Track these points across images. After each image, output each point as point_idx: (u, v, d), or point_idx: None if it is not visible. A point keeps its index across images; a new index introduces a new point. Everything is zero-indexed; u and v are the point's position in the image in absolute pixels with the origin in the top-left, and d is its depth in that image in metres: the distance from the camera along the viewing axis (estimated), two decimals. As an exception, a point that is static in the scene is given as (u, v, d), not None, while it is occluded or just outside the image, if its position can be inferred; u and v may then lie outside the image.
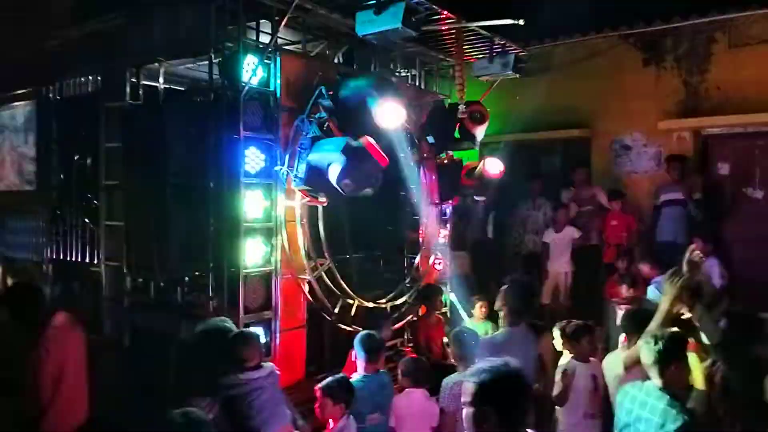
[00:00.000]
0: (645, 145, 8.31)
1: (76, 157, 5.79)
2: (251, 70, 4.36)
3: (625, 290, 6.02)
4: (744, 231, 7.10)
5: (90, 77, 5.68)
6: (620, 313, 5.62)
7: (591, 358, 4.50)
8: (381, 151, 4.24)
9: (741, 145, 7.86)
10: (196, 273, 4.59)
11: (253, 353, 3.72)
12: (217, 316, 4.28)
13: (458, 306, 6.24)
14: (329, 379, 3.77)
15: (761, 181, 7.63)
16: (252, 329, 4.24)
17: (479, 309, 6.01)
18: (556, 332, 4.68)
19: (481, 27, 5.46)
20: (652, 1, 7.50)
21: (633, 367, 3.52)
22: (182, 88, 5.75)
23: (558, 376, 4.46)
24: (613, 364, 3.97)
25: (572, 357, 4.55)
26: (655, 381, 2.94)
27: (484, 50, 6.03)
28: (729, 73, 7.61)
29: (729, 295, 6.01)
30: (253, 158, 4.38)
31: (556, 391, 4.40)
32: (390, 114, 4.45)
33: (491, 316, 5.83)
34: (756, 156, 7.76)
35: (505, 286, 4.38)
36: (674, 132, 8.04)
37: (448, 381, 4.16)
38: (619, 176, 8.41)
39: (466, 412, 2.28)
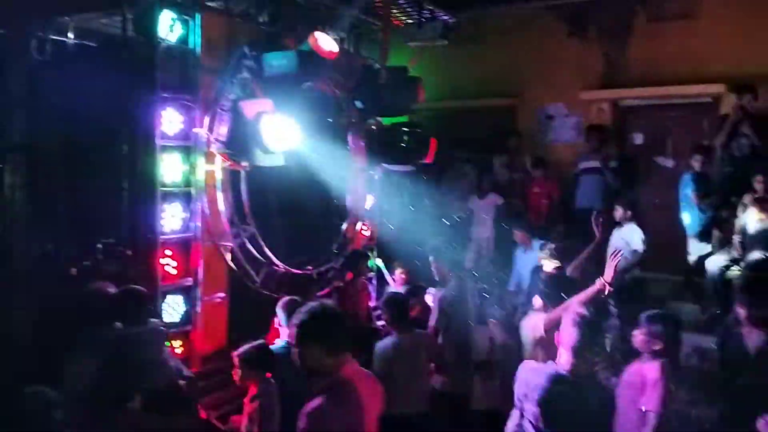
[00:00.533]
0: (567, 115, 8.57)
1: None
2: (168, 27, 4.14)
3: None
4: (656, 198, 7.47)
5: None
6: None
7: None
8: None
9: (655, 117, 8.24)
10: (111, 240, 4.38)
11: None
12: (135, 283, 4.16)
13: (384, 271, 6.30)
14: (246, 346, 3.73)
15: (673, 150, 8.05)
16: (171, 297, 4.13)
17: (399, 275, 6.11)
18: None
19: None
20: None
21: (552, 331, 3.67)
22: (94, 44, 5.38)
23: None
24: (531, 326, 4.12)
25: None
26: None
27: (414, 15, 5.98)
28: (647, 47, 7.91)
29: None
30: (170, 119, 4.19)
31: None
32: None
33: (411, 281, 5.95)
34: (668, 127, 8.16)
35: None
36: (594, 103, 8.32)
37: (382, 345, 4.20)
38: (543, 145, 8.65)
39: (293, 351, 2.62)
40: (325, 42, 4.42)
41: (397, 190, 8.36)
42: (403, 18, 6.11)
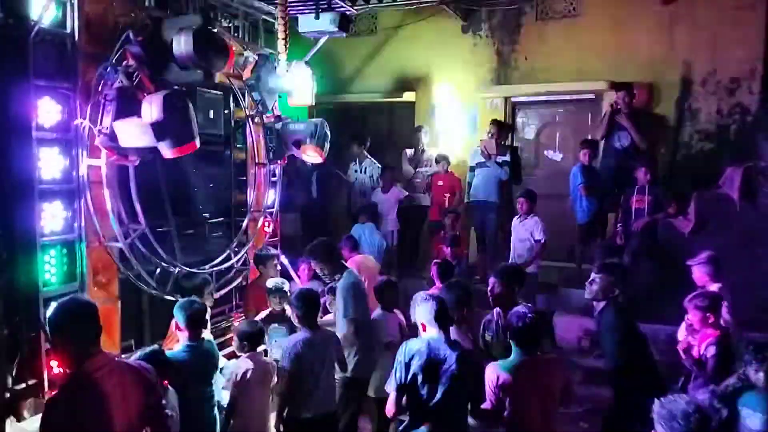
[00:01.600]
0: (462, 110, 8.80)
1: None
2: (43, 7, 3.75)
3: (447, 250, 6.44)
4: (545, 189, 7.83)
5: None
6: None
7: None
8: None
9: (544, 112, 8.66)
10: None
11: None
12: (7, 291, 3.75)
13: (289, 268, 6.14)
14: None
15: (561, 144, 8.49)
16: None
17: (303, 270, 6.01)
18: None
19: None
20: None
21: None
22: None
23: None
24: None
25: (380, 308, 4.92)
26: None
27: (311, 5, 5.85)
28: (536, 45, 8.27)
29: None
30: (47, 110, 3.80)
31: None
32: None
33: (316, 277, 5.86)
34: (556, 122, 8.60)
35: None
36: (488, 99, 8.60)
37: (292, 340, 4.10)
38: (439, 139, 8.83)
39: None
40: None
41: (300, 184, 8.26)
42: (300, 8, 5.96)
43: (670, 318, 4.76)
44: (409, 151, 8.48)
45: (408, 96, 8.99)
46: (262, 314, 4.90)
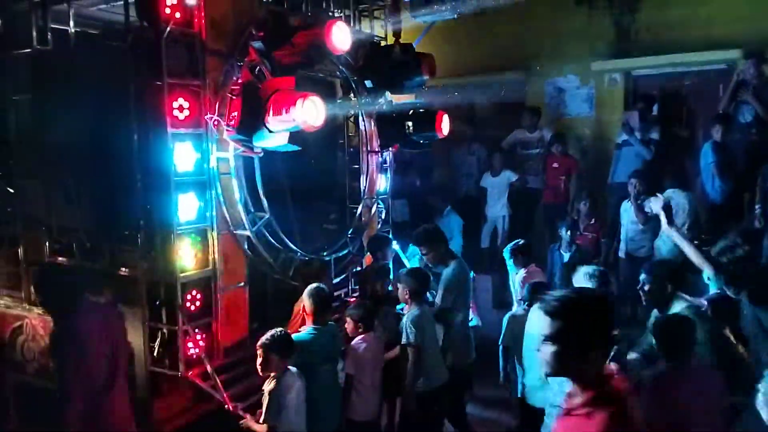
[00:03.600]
0: (578, 87, 8.39)
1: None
2: (172, 10, 3.98)
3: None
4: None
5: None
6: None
7: None
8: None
9: (669, 85, 8.06)
10: (125, 232, 4.27)
11: None
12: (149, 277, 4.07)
13: (401, 254, 6.19)
14: (268, 334, 3.66)
15: (688, 118, 7.89)
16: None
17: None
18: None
19: (417, -36, 5.22)
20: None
21: None
22: (95, 32, 5.22)
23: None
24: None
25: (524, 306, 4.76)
26: None
27: (420, -11, 5.80)
28: (658, 14, 7.70)
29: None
30: (179, 107, 4.04)
31: None
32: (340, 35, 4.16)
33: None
34: (683, 95, 7.99)
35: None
36: (606, 73, 8.15)
37: (410, 316, 4.29)
38: (553, 119, 8.49)
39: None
40: (339, 37, 4.21)
41: (411, 170, 8.26)
42: (410, -8, 5.93)
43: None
44: (519, 132, 8.21)
45: (518, 74, 8.70)
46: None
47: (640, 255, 6.49)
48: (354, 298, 5.71)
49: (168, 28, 3.96)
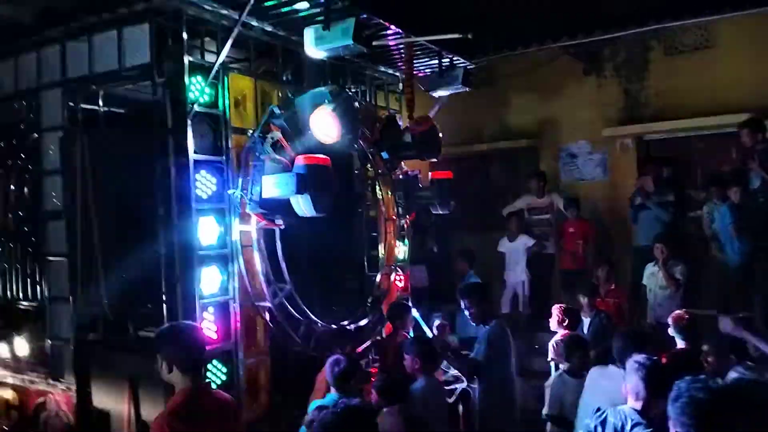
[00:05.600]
0: (590, 152, 8.52)
1: (12, 188, 5.42)
2: (198, 91, 4.18)
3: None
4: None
5: (24, 102, 5.33)
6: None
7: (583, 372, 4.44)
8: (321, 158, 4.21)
9: (681, 149, 8.15)
10: (149, 306, 4.33)
11: None
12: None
13: (420, 321, 6.15)
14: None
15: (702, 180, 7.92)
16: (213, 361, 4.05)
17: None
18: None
19: (430, 41, 5.46)
20: (591, 12, 7.70)
21: None
22: (122, 111, 5.46)
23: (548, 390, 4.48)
24: None
25: (564, 370, 4.57)
26: None
27: (433, 65, 6.04)
28: (666, 80, 7.90)
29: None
30: (204, 182, 4.19)
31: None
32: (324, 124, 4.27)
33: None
34: (695, 158, 8.07)
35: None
36: (618, 139, 8.28)
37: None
38: (567, 184, 8.58)
39: None
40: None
41: (427, 238, 8.31)
42: (423, 68, 6.16)
43: None
44: (527, 197, 8.29)
45: (530, 142, 8.88)
46: None
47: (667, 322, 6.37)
48: (374, 368, 5.65)
49: (194, 108, 4.14)
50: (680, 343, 4.59)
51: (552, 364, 5.36)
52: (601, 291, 6.40)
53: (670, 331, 4.66)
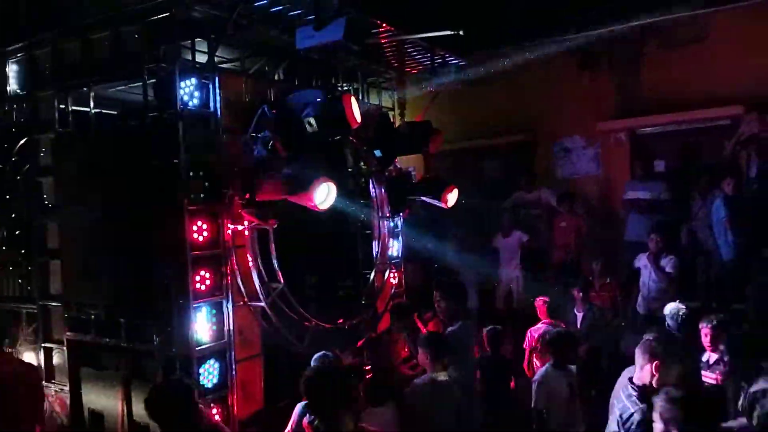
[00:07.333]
0: (584, 147, 8.53)
1: (5, 190, 5.42)
2: (189, 91, 4.18)
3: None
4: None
5: (15, 105, 5.32)
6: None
7: (569, 366, 4.51)
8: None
9: (675, 142, 8.16)
10: (142, 307, 4.33)
11: None
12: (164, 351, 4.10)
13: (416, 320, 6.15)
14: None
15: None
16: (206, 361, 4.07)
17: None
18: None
19: (422, 39, 5.45)
20: (584, 7, 7.71)
21: None
22: (114, 112, 5.46)
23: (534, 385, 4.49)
24: None
25: (550, 364, 4.58)
26: None
27: (425, 62, 6.03)
28: (660, 74, 7.89)
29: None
30: (196, 184, 4.18)
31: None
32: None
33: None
34: (689, 152, 8.08)
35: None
36: (611, 133, 8.29)
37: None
38: (561, 179, 8.59)
39: None
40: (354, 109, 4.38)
41: (422, 234, 8.31)
42: (416, 65, 6.16)
43: None
44: (518, 193, 8.32)
45: (526, 136, 8.88)
46: None
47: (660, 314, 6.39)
48: (368, 367, 5.67)
49: (185, 109, 4.14)
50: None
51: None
52: (596, 285, 6.43)
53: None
